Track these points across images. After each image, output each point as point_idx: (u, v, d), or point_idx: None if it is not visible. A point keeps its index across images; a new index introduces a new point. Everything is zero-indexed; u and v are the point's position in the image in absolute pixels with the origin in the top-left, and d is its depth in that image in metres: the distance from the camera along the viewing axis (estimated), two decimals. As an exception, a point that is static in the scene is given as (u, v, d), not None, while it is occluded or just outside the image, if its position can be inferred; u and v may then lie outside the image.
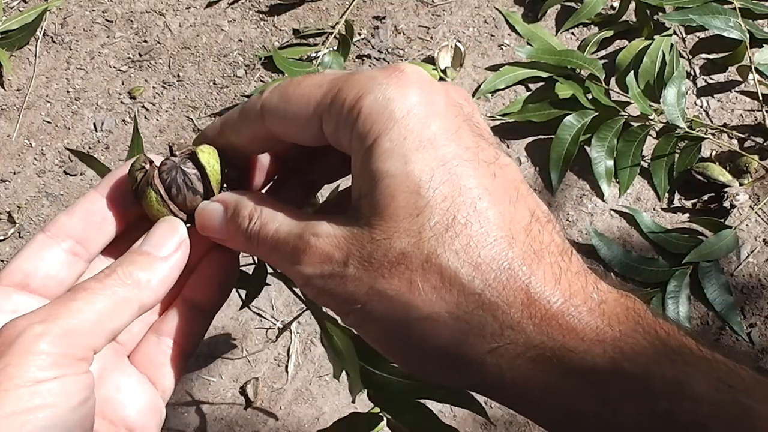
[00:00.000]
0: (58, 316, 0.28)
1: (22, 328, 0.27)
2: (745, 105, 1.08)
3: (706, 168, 1.01)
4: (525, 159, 1.06)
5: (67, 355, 0.27)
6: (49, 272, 0.32)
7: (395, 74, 0.27)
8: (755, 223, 1.00)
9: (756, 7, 1.12)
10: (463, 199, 0.26)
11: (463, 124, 0.27)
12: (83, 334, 0.28)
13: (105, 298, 0.29)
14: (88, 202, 0.33)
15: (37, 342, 0.26)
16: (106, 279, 0.30)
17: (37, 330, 0.27)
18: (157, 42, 1.18)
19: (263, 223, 0.30)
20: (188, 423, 0.89)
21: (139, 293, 0.30)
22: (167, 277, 0.31)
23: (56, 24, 1.20)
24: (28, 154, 1.09)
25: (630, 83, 1.05)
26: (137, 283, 0.30)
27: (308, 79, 0.29)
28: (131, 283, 0.30)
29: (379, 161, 0.26)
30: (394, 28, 1.18)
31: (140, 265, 0.31)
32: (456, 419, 0.90)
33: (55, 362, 0.27)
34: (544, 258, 0.26)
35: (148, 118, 1.11)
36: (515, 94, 1.11)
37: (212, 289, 0.34)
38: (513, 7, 1.19)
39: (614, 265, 0.97)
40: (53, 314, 0.28)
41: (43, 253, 0.32)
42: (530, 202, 0.27)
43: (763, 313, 0.94)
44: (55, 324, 0.27)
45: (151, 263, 0.31)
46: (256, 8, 1.20)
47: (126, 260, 0.31)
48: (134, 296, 0.30)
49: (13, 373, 0.26)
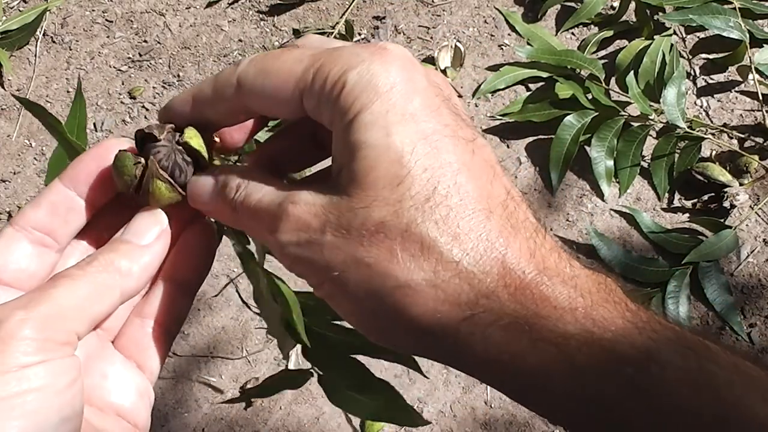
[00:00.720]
0: (39, 302, 0.28)
1: (5, 315, 0.27)
2: (745, 105, 1.08)
3: (706, 168, 1.01)
4: (525, 159, 1.06)
5: (51, 339, 0.28)
6: (20, 265, 0.32)
7: (379, 51, 0.28)
8: (755, 223, 1.00)
9: (756, 7, 1.12)
10: (444, 172, 0.26)
11: (442, 103, 0.28)
12: (65, 319, 0.28)
13: (86, 285, 0.29)
14: (53, 193, 0.33)
15: (20, 328, 0.27)
16: (87, 266, 0.30)
17: (20, 316, 0.27)
18: (157, 42, 1.18)
19: (248, 194, 0.30)
20: (188, 423, 0.89)
21: (120, 280, 0.30)
22: (149, 264, 0.32)
23: (56, 24, 1.20)
24: (28, 154, 1.09)
25: (630, 83, 1.05)
26: (118, 270, 0.31)
27: (287, 53, 0.30)
28: (112, 270, 0.30)
29: (359, 132, 0.27)
30: (394, 28, 1.18)
31: (122, 253, 0.31)
32: (456, 419, 0.90)
33: (40, 347, 0.27)
34: (519, 232, 0.26)
35: (148, 118, 1.11)
36: (515, 94, 1.11)
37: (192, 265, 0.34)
38: (513, 7, 1.19)
39: (614, 265, 0.97)
40: (34, 301, 0.28)
41: (11, 246, 0.32)
42: (506, 182, 0.28)
43: (763, 313, 0.94)
44: (37, 310, 0.28)
45: (133, 251, 0.31)
46: (256, 8, 1.20)
47: (107, 248, 0.31)
48: (116, 283, 0.30)
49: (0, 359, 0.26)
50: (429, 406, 0.90)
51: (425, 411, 0.90)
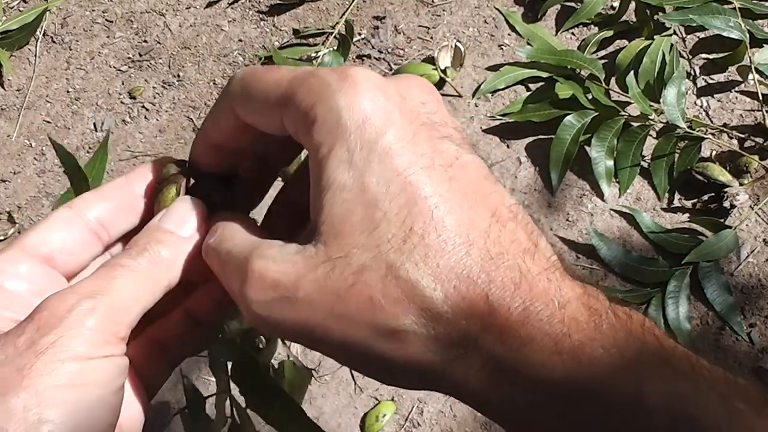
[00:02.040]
0: (104, 292, 0.28)
1: (73, 302, 0.27)
2: (745, 105, 1.08)
3: (706, 168, 1.01)
4: (525, 159, 1.06)
5: (114, 332, 0.27)
6: (74, 250, 0.32)
7: (348, 81, 0.26)
8: (755, 223, 1.00)
9: (756, 7, 1.12)
10: (420, 209, 0.25)
11: (420, 128, 0.27)
12: (125, 312, 0.28)
13: (140, 276, 0.29)
14: (120, 188, 0.33)
15: (88, 317, 0.27)
16: (138, 257, 0.30)
17: (88, 305, 0.27)
18: (157, 42, 1.18)
19: (220, 240, 0.30)
20: (188, 423, 0.89)
21: (168, 272, 0.30)
22: (191, 256, 0.31)
23: (56, 24, 1.20)
24: (28, 154, 1.09)
25: (630, 83, 1.05)
26: (166, 261, 0.30)
27: (270, 72, 0.29)
28: (160, 261, 0.30)
29: (333, 173, 0.26)
30: (394, 28, 1.18)
31: (167, 244, 0.31)
32: (456, 419, 0.90)
33: (105, 340, 0.27)
34: (503, 262, 0.25)
35: (148, 118, 1.11)
36: (515, 94, 1.11)
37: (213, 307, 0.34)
38: (513, 7, 1.19)
39: (614, 265, 0.97)
40: (99, 290, 0.28)
41: (70, 229, 0.32)
42: (492, 201, 0.26)
43: (763, 313, 0.94)
44: (103, 300, 0.27)
45: (176, 243, 0.31)
46: (256, 8, 1.20)
47: (151, 238, 0.31)
48: (164, 276, 0.30)
49: (68, 345, 0.26)
50: (429, 406, 0.90)
51: (425, 411, 0.90)
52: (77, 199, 0.33)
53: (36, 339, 0.26)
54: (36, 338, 0.26)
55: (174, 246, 0.31)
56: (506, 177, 1.05)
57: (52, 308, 0.27)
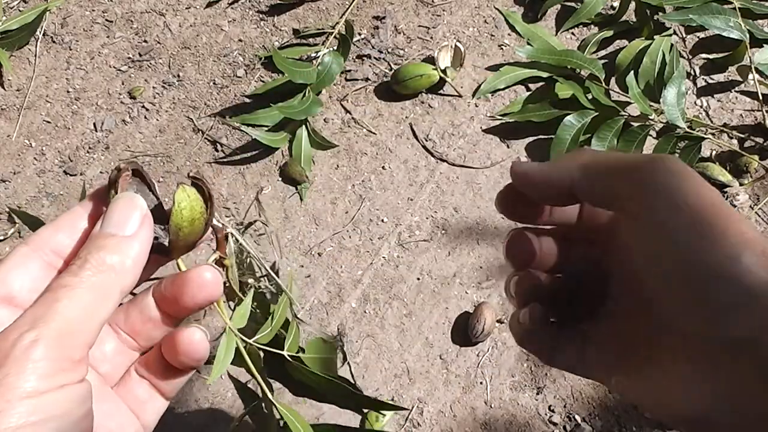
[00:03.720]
0: (47, 319, 0.26)
1: (15, 337, 0.26)
2: (745, 105, 1.08)
3: (706, 168, 1.01)
4: (525, 159, 1.06)
5: (66, 358, 0.26)
6: (34, 286, 0.30)
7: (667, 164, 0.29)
8: (755, 223, 1.00)
9: (756, 7, 1.12)
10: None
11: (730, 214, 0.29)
12: (76, 332, 0.27)
13: (86, 291, 0.28)
14: (75, 216, 0.32)
15: (33, 349, 0.25)
16: (80, 271, 0.28)
17: (31, 337, 0.26)
18: (157, 42, 1.18)
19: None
20: (188, 423, 0.89)
21: (117, 278, 0.29)
22: (140, 254, 0.30)
23: (56, 24, 1.20)
24: (28, 154, 1.09)
25: (630, 83, 1.05)
26: (112, 268, 0.29)
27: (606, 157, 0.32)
28: (107, 269, 0.29)
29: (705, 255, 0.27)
30: (394, 28, 1.18)
31: (110, 249, 0.29)
32: (456, 419, 0.90)
33: (56, 368, 0.26)
34: None
35: (148, 118, 1.11)
36: (515, 94, 1.11)
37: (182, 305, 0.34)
38: (513, 7, 1.19)
39: (614, 265, 0.96)
40: (40, 318, 0.26)
41: (28, 266, 0.31)
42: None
43: (763, 313, 0.94)
44: (46, 327, 0.26)
45: (121, 244, 0.30)
46: (256, 8, 1.20)
47: (93, 246, 0.30)
48: (114, 282, 0.29)
49: (14, 383, 0.25)
50: (429, 406, 0.90)
51: (425, 411, 0.90)
52: (34, 235, 0.32)
53: None
54: None
55: (119, 248, 0.30)
56: (506, 177, 1.05)
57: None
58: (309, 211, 1.03)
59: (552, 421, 0.89)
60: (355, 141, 1.08)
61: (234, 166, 1.06)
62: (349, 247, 1.00)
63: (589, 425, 0.88)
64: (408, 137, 1.08)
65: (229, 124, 1.09)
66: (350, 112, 1.10)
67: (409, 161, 1.06)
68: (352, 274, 0.98)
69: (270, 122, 1.07)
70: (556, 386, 0.91)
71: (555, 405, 0.90)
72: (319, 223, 1.02)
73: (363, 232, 1.01)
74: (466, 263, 0.98)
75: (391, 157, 1.07)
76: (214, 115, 1.11)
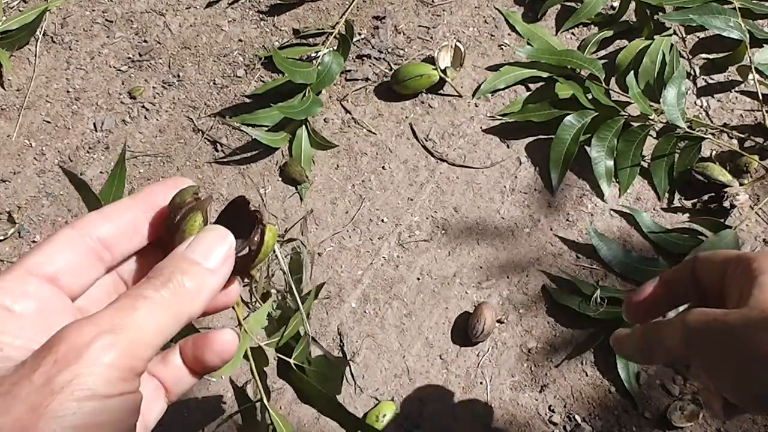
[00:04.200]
0: (124, 327, 0.27)
1: (91, 337, 0.26)
2: (745, 105, 1.08)
3: (706, 168, 1.01)
4: (525, 159, 1.06)
5: (132, 368, 0.27)
6: (78, 271, 0.31)
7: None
8: (755, 223, 1.00)
9: (756, 7, 1.12)
10: None
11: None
12: (145, 346, 0.28)
13: (165, 310, 0.29)
14: (125, 209, 0.33)
15: (106, 354, 0.26)
16: (162, 288, 0.29)
17: (107, 341, 0.26)
18: (157, 42, 1.18)
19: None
20: (188, 423, 0.89)
21: (190, 305, 0.30)
22: (214, 290, 0.31)
23: (56, 24, 1.20)
24: (28, 154, 1.09)
25: (630, 83, 1.05)
26: (189, 293, 0.30)
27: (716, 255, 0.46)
28: (184, 293, 0.30)
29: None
30: (394, 28, 1.18)
31: (191, 276, 0.30)
32: (456, 419, 0.90)
33: (121, 377, 0.27)
34: None
35: (148, 118, 1.11)
36: (515, 94, 1.11)
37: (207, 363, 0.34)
38: (513, 7, 1.19)
39: (614, 265, 0.97)
40: (119, 325, 0.27)
41: (73, 249, 0.31)
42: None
43: (763, 313, 0.94)
44: (123, 336, 0.27)
45: (201, 275, 0.31)
46: (256, 8, 1.20)
47: (175, 267, 0.30)
48: (186, 309, 0.30)
49: (84, 384, 0.26)
50: (429, 406, 0.90)
51: (425, 411, 0.90)
52: (81, 220, 0.32)
53: (52, 375, 0.25)
54: (52, 374, 0.25)
55: (198, 278, 0.30)
56: (506, 177, 1.05)
57: (70, 341, 0.26)
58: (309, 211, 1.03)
59: (552, 421, 0.89)
60: (355, 141, 1.08)
61: (234, 166, 1.07)
62: (349, 247, 1.00)
63: (589, 425, 0.88)
64: (408, 137, 1.08)
65: (229, 124, 1.09)
66: (350, 112, 1.10)
67: (409, 161, 1.06)
68: (352, 274, 0.98)
69: (270, 122, 1.07)
70: (556, 386, 0.91)
71: (555, 405, 0.90)
72: (319, 223, 1.02)
73: (363, 232, 1.01)
74: (466, 263, 0.98)
75: (391, 157, 1.07)
76: (214, 115, 1.11)
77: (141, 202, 0.33)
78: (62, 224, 1.02)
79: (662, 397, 0.89)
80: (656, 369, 0.91)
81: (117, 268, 0.34)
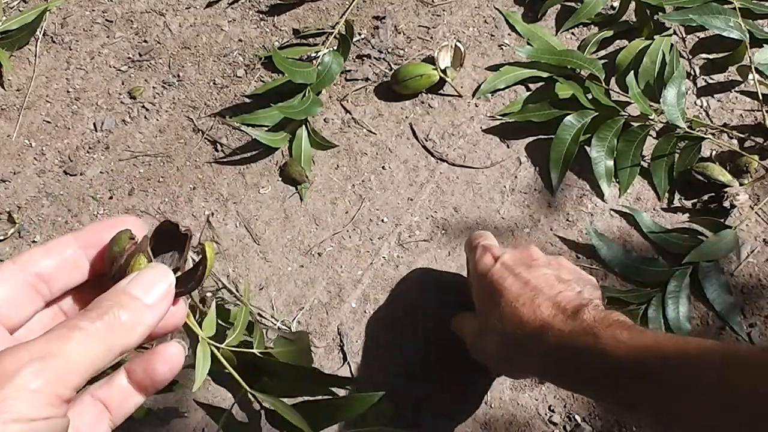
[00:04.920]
0: (56, 354, 0.29)
1: (22, 363, 0.28)
2: (745, 105, 1.08)
3: (706, 168, 1.01)
4: (525, 159, 1.06)
5: (59, 395, 0.28)
6: (16, 304, 0.33)
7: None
8: (755, 223, 1.00)
9: (756, 7, 1.12)
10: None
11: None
12: (74, 374, 0.29)
13: (98, 342, 0.30)
14: (66, 247, 0.34)
15: (35, 380, 0.28)
16: (98, 320, 0.31)
17: (36, 367, 0.28)
18: (157, 42, 1.18)
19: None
20: (188, 423, 0.89)
21: (124, 339, 0.31)
22: (150, 325, 0.32)
23: (56, 24, 1.20)
24: (28, 154, 1.09)
25: (630, 83, 1.05)
26: (124, 327, 0.31)
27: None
28: (119, 327, 0.31)
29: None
30: (394, 28, 1.18)
31: (128, 310, 0.32)
32: (455, 420, 0.90)
33: (48, 402, 0.28)
34: None
35: (148, 118, 1.11)
36: (515, 94, 1.11)
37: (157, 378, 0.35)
38: (513, 7, 1.19)
39: (614, 266, 0.97)
40: (51, 352, 0.29)
41: (12, 283, 0.33)
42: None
43: (763, 313, 0.94)
44: (53, 363, 0.28)
45: (140, 310, 0.32)
46: (256, 8, 1.20)
47: (114, 300, 0.32)
48: (121, 341, 0.31)
49: (12, 407, 0.27)
50: (428, 406, 0.90)
51: (423, 411, 0.90)
52: (22, 254, 0.34)
53: None
54: None
55: (136, 312, 0.32)
56: (506, 177, 1.05)
57: (3, 367, 0.28)
58: (309, 211, 1.03)
59: (552, 421, 0.89)
60: (355, 141, 1.08)
61: (234, 166, 1.06)
62: (349, 247, 1.00)
63: (589, 425, 0.88)
64: (408, 137, 1.08)
65: (229, 124, 1.09)
66: (350, 112, 1.10)
67: (409, 161, 1.06)
68: (352, 274, 0.98)
69: (270, 122, 1.07)
70: (556, 386, 0.91)
71: (555, 405, 0.90)
72: (319, 223, 1.02)
73: (363, 232, 1.01)
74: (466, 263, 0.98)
75: (391, 157, 1.07)
76: (214, 115, 1.11)
77: (82, 239, 0.35)
78: (62, 224, 1.02)
79: (662, 397, 0.89)
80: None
81: (59, 302, 0.35)
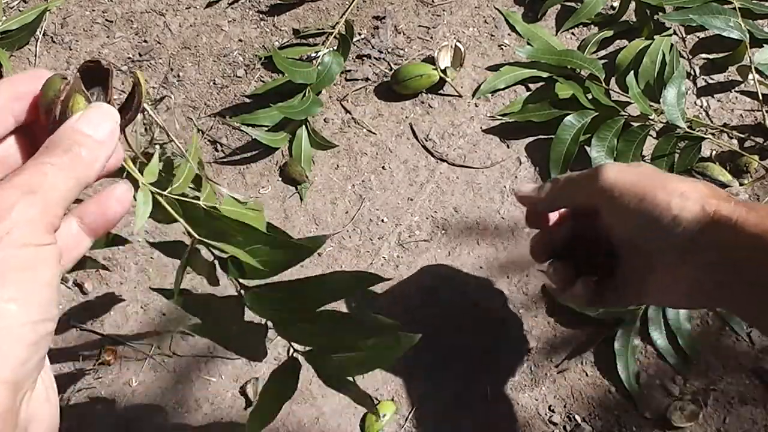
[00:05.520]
0: (42, 187, 0.32)
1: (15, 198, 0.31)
2: (745, 105, 1.08)
3: (706, 168, 1.01)
4: (525, 159, 1.06)
5: (51, 223, 0.32)
6: None
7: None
8: (755, 223, 1.00)
9: (756, 7, 1.12)
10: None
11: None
12: (57, 205, 0.33)
13: (69, 174, 0.34)
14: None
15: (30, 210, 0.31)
16: (64, 155, 0.34)
17: (29, 200, 0.32)
18: (157, 42, 1.18)
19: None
20: (188, 423, 0.89)
21: (86, 171, 0.35)
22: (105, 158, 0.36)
23: (56, 24, 1.20)
24: (28, 154, 1.09)
25: (630, 83, 1.05)
26: (85, 162, 0.35)
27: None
28: (81, 161, 0.34)
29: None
30: (394, 28, 1.18)
31: (87, 146, 0.35)
32: (455, 420, 0.90)
33: (45, 230, 0.32)
34: None
35: (148, 118, 1.11)
36: (515, 94, 1.11)
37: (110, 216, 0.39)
38: (513, 7, 1.19)
39: (614, 265, 0.96)
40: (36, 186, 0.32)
41: None
42: None
43: (763, 313, 0.94)
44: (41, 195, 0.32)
45: (93, 145, 0.35)
46: (256, 8, 1.20)
47: (72, 140, 0.35)
48: (85, 174, 0.35)
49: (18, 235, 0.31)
50: (428, 406, 0.91)
51: (424, 410, 0.90)
52: None
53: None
54: None
55: (91, 148, 0.35)
56: (506, 177, 1.05)
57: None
58: (309, 211, 1.03)
59: (552, 421, 0.89)
60: (355, 141, 1.08)
61: (234, 166, 1.07)
62: (349, 247, 1.00)
63: (589, 425, 0.88)
64: (408, 137, 1.08)
65: (229, 124, 1.09)
66: (350, 112, 1.10)
67: (409, 161, 1.06)
68: (352, 274, 0.98)
69: (270, 122, 1.07)
70: (556, 386, 0.91)
71: (555, 405, 0.90)
72: (319, 223, 1.02)
73: (363, 232, 1.01)
74: (466, 263, 0.98)
75: (391, 157, 1.07)
76: (214, 115, 1.11)
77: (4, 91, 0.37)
78: (62, 224, 1.03)
79: (662, 397, 0.89)
80: (656, 369, 0.91)
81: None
